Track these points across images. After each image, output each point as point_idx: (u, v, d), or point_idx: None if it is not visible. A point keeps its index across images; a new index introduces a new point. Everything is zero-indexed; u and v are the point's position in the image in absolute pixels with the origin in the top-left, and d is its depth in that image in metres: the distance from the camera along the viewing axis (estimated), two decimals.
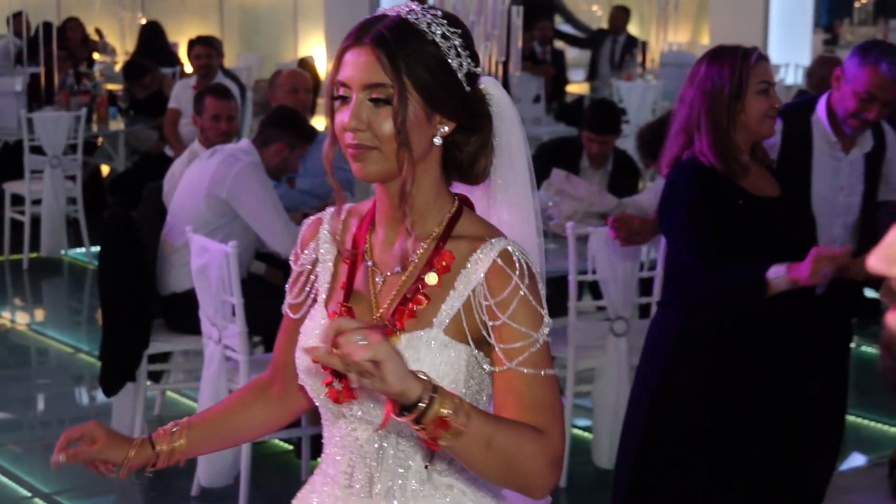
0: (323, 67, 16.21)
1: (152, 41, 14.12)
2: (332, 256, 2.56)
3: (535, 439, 2.34)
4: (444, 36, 2.39)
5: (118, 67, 14.34)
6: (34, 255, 10.41)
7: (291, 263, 2.65)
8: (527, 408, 2.38)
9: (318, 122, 11.91)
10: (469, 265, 2.39)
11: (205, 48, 10.66)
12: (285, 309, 2.66)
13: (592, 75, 15.30)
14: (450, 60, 2.39)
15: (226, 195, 6.14)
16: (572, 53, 17.23)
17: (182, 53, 13.60)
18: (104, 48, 15.48)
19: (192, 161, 6.59)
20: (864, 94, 4.64)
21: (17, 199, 10.56)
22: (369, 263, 2.51)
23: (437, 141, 2.41)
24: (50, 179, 10.28)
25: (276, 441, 6.28)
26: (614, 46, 15.07)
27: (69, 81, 11.37)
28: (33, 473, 6.28)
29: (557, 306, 6.69)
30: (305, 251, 2.62)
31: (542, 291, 2.43)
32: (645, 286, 6.02)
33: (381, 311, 2.46)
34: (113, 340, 6.20)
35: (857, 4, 20.72)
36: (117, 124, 11.60)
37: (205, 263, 5.66)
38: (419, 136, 2.37)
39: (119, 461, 2.62)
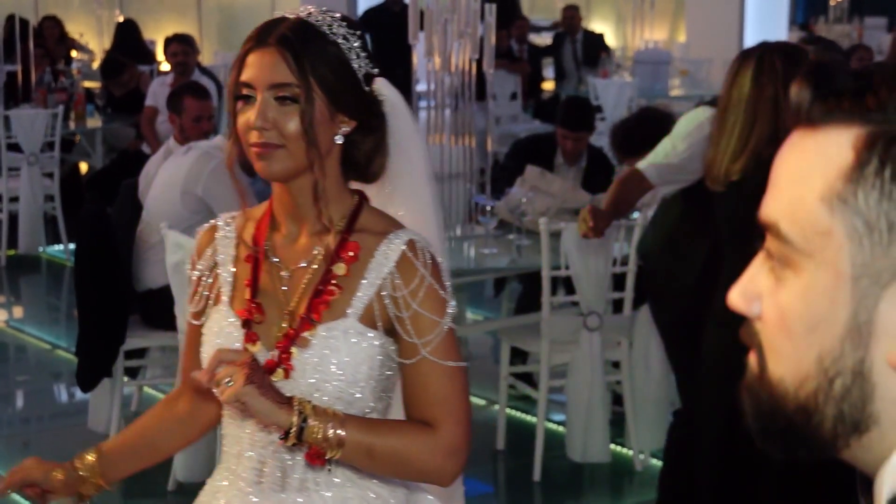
0: None
1: (128, 39, 14.11)
2: (232, 258, 2.58)
3: (422, 439, 2.45)
4: (344, 37, 2.45)
5: (96, 65, 14.32)
6: (11, 252, 10.39)
7: (188, 272, 2.66)
8: (425, 400, 2.48)
9: None
10: (377, 256, 2.45)
11: (181, 46, 10.64)
12: (189, 319, 2.67)
13: (559, 76, 15.27)
14: (351, 61, 2.45)
15: (201, 192, 6.13)
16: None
17: (159, 51, 13.60)
18: (81, 47, 15.45)
19: (167, 158, 6.59)
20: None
21: None
22: (274, 260, 2.54)
23: (339, 140, 2.46)
24: (27, 177, 10.27)
25: None
26: (574, 45, 14.99)
27: (46, 79, 11.34)
28: (10, 465, 6.29)
29: (531, 301, 6.75)
30: (202, 258, 2.63)
31: (447, 281, 2.50)
32: (618, 282, 6.05)
33: (291, 305, 2.49)
34: (89, 336, 6.18)
35: (832, 3, 20.75)
36: (95, 122, 11.58)
37: (180, 259, 5.63)
38: (324, 134, 2.42)
39: (47, 485, 2.65)
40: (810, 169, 1.16)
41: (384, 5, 13.10)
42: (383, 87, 2.55)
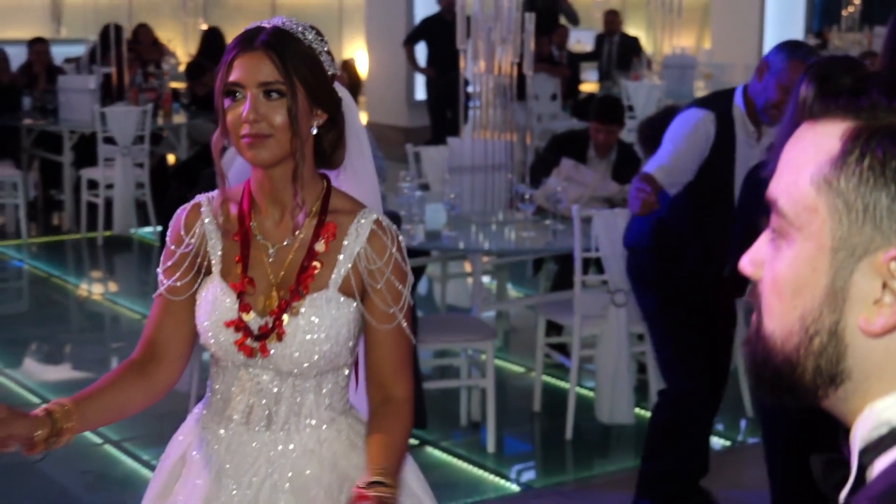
0: (364, 68, 16.26)
1: (212, 44, 14.15)
2: (219, 235, 2.60)
3: (405, 420, 2.63)
4: (315, 42, 2.52)
5: (181, 68, 14.39)
6: (107, 233, 10.43)
7: (173, 247, 2.63)
8: (396, 363, 2.62)
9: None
10: (350, 234, 2.55)
11: None
12: (161, 292, 2.62)
13: (604, 76, 15.30)
14: (323, 62, 2.52)
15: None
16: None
17: None
18: (169, 52, 15.53)
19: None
20: (788, 86, 4.49)
21: (93, 184, 10.57)
22: (260, 239, 2.58)
23: (314, 130, 2.53)
24: (121, 167, 10.33)
25: None
26: (611, 47, 15.06)
27: (138, 80, 11.41)
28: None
29: (565, 280, 6.77)
30: (189, 234, 2.62)
31: (406, 255, 2.62)
32: None
33: (279, 278, 2.55)
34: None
35: (844, 13, 20.56)
36: (180, 118, 11.62)
37: None
38: (304, 125, 2.49)
39: (26, 436, 2.35)
40: (806, 156, 1.22)
41: (438, 14, 13.09)
42: (340, 89, 2.61)
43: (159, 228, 9.87)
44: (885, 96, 1.20)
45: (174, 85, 12.64)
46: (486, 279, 7.78)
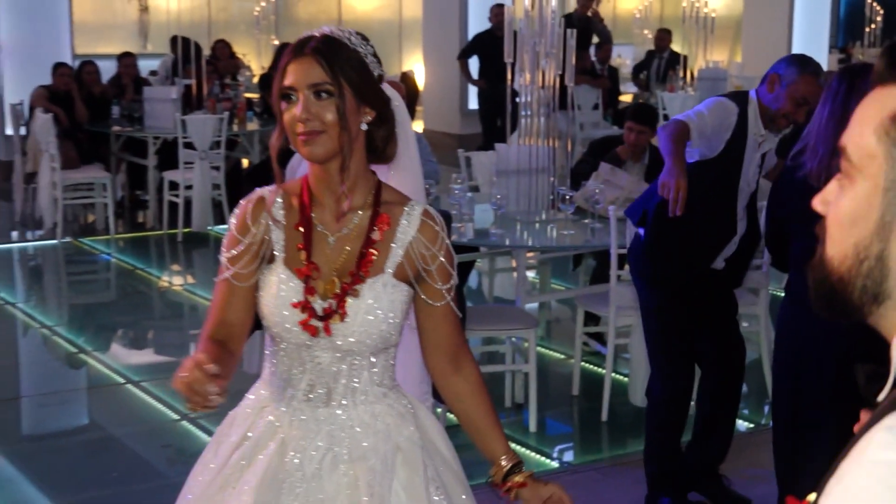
0: (422, 80, 16.28)
1: None
2: (282, 225, 2.60)
3: (487, 394, 2.75)
4: (360, 46, 2.54)
5: (255, 80, 14.49)
6: (186, 230, 10.51)
7: (238, 236, 2.61)
8: (461, 338, 2.71)
9: (417, 126, 11.96)
10: (402, 223, 2.58)
11: None
12: (227, 277, 2.60)
13: (643, 87, 15.30)
14: (368, 64, 2.54)
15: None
16: (625, 70, 17.15)
17: None
18: (244, 65, 15.64)
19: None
20: (800, 98, 4.50)
21: (174, 185, 10.64)
22: (320, 228, 2.60)
23: (364, 126, 2.54)
24: (199, 169, 10.41)
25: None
26: (660, 62, 15.06)
27: (215, 91, 11.50)
28: (179, 402, 6.43)
29: (602, 274, 6.77)
30: (255, 224, 2.61)
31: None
32: None
33: (338, 264, 2.57)
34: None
35: (867, 29, 20.38)
36: (253, 125, 11.68)
37: None
38: (353, 121, 2.50)
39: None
40: (873, 111, 1.32)
41: (489, 31, 13.09)
42: (388, 90, 2.63)
43: None
44: None
45: (248, 95, 12.72)
46: (529, 273, 7.79)
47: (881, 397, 1.31)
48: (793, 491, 1.53)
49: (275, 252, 2.61)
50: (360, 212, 2.59)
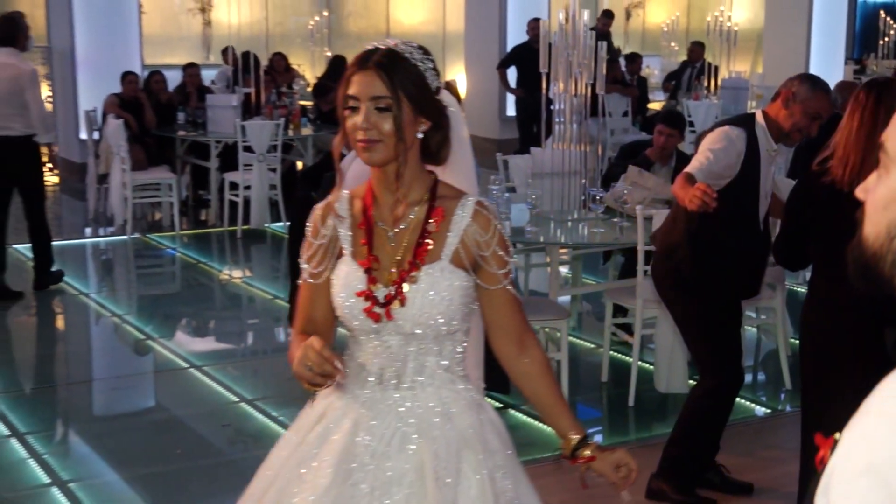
0: (464, 89, 16.29)
1: (336, 68, 14.28)
2: (349, 224, 2.65)
3: (552, 372, 2.75)
4: (421, 61, 2.55)
5: (309, 88, 14.55)
6: (245, 227, 10.55)
7: (311, 240, 2.68)
8: (523, 319, 2.70)
9: None
10: (456, 215, 2.59)
11: None
12: (306, 278, 2.68)
13: (673, 95, 15.24)
14: (427, 78, 2.55)
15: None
16: (653, 80, 17.09)
17: None
18: (299, 75, 15.71)
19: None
20: (814, 114, 4.49)
21: (234, 186, 10.69)
22: (380, 225, 2.63)
23: (419, 135, 2.56)
24: (257, 171, 10.46)
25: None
26: (692, 72, 14.99)
27: (272, 98, 11.54)
28: (243, 385, 6.42)
29: (630, 269, 6.75)
30: (324, 227, 2.67)
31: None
32: None
33: (398, 255, 2.60)
34: (299, 289, 6.34)
35: (881, 42, 20.20)
36: (307, 130, 11.71)
37: None
38: (409, 131, 2.53)
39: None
40: None
41: (527, 43, 13.08)
42: (445, 96, 2.64)
43: (288, 223, 9.97)
44: None
45: (302, 103, 12.75)
46: (562, 269, 7.78)
47: None
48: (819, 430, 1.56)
49: (343, 249, 2.66)
50: (416, 207, 2.62)
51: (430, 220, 2.61)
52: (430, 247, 2.60)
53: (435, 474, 2.55)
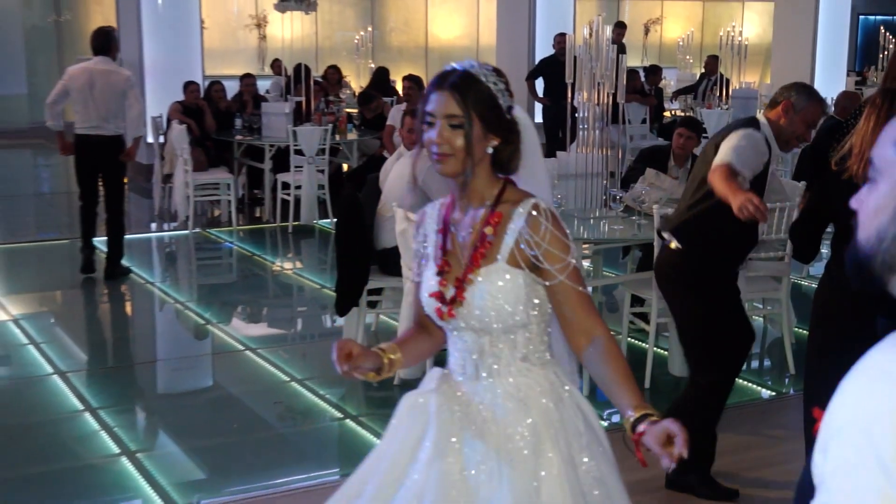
0: None
1: (379, 79, 14.32)
2: (434, 229, 2.71)
3: (621, 355, 2.58)
4: (494, 82, 2.55)
5: (354, 97, 14.58)
6: (296, 223, 10.57)
7: (413, 243, 2.80)
8: (585, 311, 2.58)
9: None
10: (513, 218, 2.56)
11: (410, 83, 10.76)
12: (412, 278, 2.79)
13: (687, 104, 15.19)
14: (498, 98, 2.55)
15: (421, 182, 6.24)
16: (669, 90, 16.99)
17: (399, 87, 13.78)
18: (345, 85, 15.75)
19: (398, 159, 6.68)
20: (812, 122, 4.45)
21: (285, 185, 10.72)
22: (453, 230, 2.67)
23: (489, 150, 2.57)
24: (307, 172, 10.48)
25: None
26: (708, 83, 14.91)
27: (321, 106, 11.59)
28: (293, 367, 6.44)
29: (646, 263, 6.74)
30: (419, 234, 2.77)
31: (566, 230, 2.58)
32: None
33: (465, 258, 2.62)
34: (344, 280, 6.28)
35: (882, 55, 19.99)
36: (352, 135, 11.74)
37: (405, 228, 5.74)
38: (479, 147, 2.54)
39: (375, 367, 2.66)
40: (893, 131, 1.43)
41: (553, 56, 13.04)
42: (519, 113, 2.64)
43: (335, 220, 10.00)
44: None
45: (348, 110, 12.79)
46: (585, 262, 7.76)
47: None
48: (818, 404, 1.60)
49: (429, 252, 2.72)
50: (482, 213, 2.62)
51: (488, 225, 2.60)
52: (484, 250, 2.59)
53: (511, 452, 2.54)
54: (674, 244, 4.61)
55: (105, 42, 8.29)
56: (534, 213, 2.56)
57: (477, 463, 2.54)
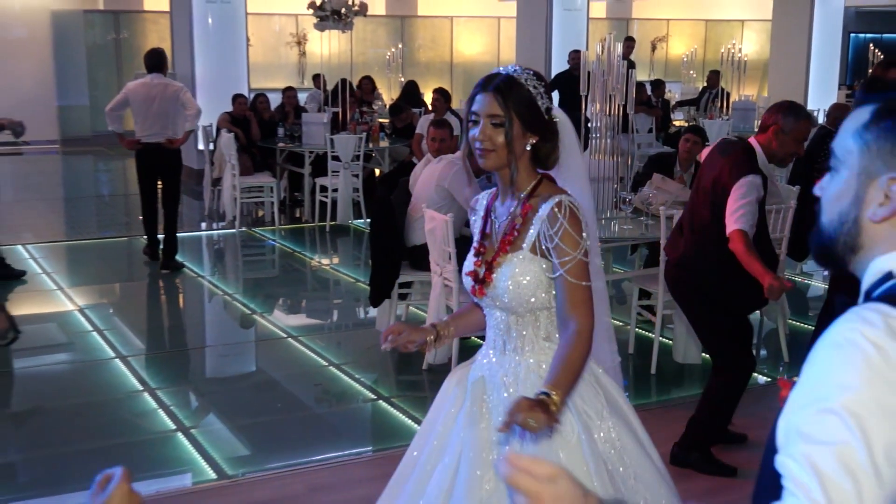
0: None
1: (409, 91, 14.33)
2: (481, 216, 2.78)
3: (580, 343, 2.50)
4: (534, 86, 2.58)
5: (386, 108, 14.62)
6: (332, 223, 10.60)
7: (470, 227, 2.87)
8: (571, 303, 2.55)
9: None
10: (539, 212, 2.59)
11: (438, 96, 10.76)
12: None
13: (690, 115, 15.14)
14: (537, 101, 2.58)
15: (447, 185, 6.22)
16: (674, 103, 16.93)
17: (427, 99, 13.80)
18: (378, 97, 15.78)
19: (426, 165, 6.73)
20: (802, 138, 4.41)
21: (323, 188, 10.75)
22: (493, 217, 2.72)
23: (528, 147, 2.60)
24: (343, 176, 10.51)
25: (474, 338, 6.27)
26: (710, 96, 14.85)
27: (356, 116, 11.63)
28: (330, 353, 6.47)
29: (653, 260, 6.74)
30: (471, 218, 2.84)
31: (584, 226, 2.56)
32: None
33: (498, 242, 2.67)
34: (377, 274, 6.32)
35: (870, 71, 19.85)
36: (384, 143, 11.75)
37: (433, 227, 5.78)
38: (519, 144, 2.57)
39: (422, 340, 2.75)
40: (852, 122, 1.46)
41: (568, 70, 13.00)
42: (558, 114, 2.67)
43: (369, 220, 10.04)
44: None
45: (381, 120, 12.82)
46: (596, 259, 7.76)
47: None
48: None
49: (474, 234, 2.79)
50: (517, 204, 2.66)
51: (518, 216, 2.64)
52: (512, 238, 2.63)
53: None
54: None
55: (158, 61, 8.64)
56: (555, 209, 2.57)
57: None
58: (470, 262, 2.73)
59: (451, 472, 2.65)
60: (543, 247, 2.59)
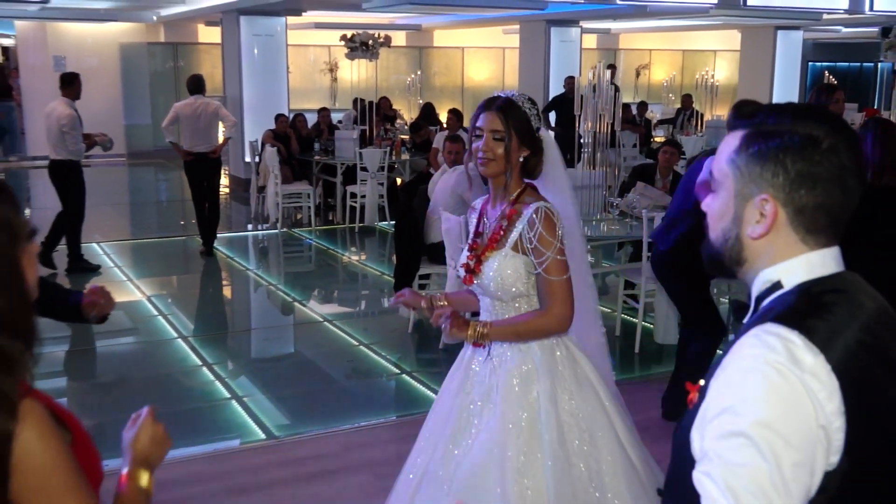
0: None
1: (427, 112, 14.37)
2: (476, 216, 2.82)
3: (542, 318, 2.61)
4: (528, 108, 2.63)
5: (406, 126, 14.66)
6: (361, 224, 10.59)
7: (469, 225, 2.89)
8: (546, 294, 2.62)
9: None
10: (522, 216, 2.62)
11: (452, 115, 10.79)
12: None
13: (669, 133, 15.12)
14: (531, 120, 2.63)
15: (461, 192, 6.31)
16: (655, 122, 16.93)
17: (442, 118, 13.83)
18: (399, 116, 15.82)
19: (443, 174, 6.77)
20: None
21: (353, 195, 10.73)
22: (485, 218, 2.75)
23: (521, 159, 2.64)
24: (370, 185, 10.52)
25: None
26: (684, 117, 14.82)
27: (380, 133, 11.67)
28: (359, 334, 6.47)
29: (636, 256, 6.76)
30: (470, 218, 2.88)
31: (558, 228, 2.58)
32: None
33: (485, 242, 2.70)
34: (400, 267, 6.36)
35: (810, 96, 19.76)
36: (405, 156, 11.76)
37: (449, 227, 5.77)
38: (514, 156, 2.62)
39: (421, 306, 2.83)
40: (727, 148, 1.39)
41: (564, 94, 13.03)
42: (544, 134, 2.71)
43: (392, 222, 10.06)
44: (767, 117, 1.36)
45: (402, 136, 12.85)
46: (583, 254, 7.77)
47: (745, 321, 1.39)
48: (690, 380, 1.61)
49: (470, 231, 2.82)
50: (505, 206, 2.70)
51: (504, 218, 2.67)
52: (497, 237, 2.66)
53: (506, 389, 2.63)
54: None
55: (199, 84, 9.07)
56: (534, 215, 2.61)
57: (481, 395, 2.68)
58: (464, 254, 2.77)
59: (450, 429, 2.73)
60: (524, 246, 2.62)
